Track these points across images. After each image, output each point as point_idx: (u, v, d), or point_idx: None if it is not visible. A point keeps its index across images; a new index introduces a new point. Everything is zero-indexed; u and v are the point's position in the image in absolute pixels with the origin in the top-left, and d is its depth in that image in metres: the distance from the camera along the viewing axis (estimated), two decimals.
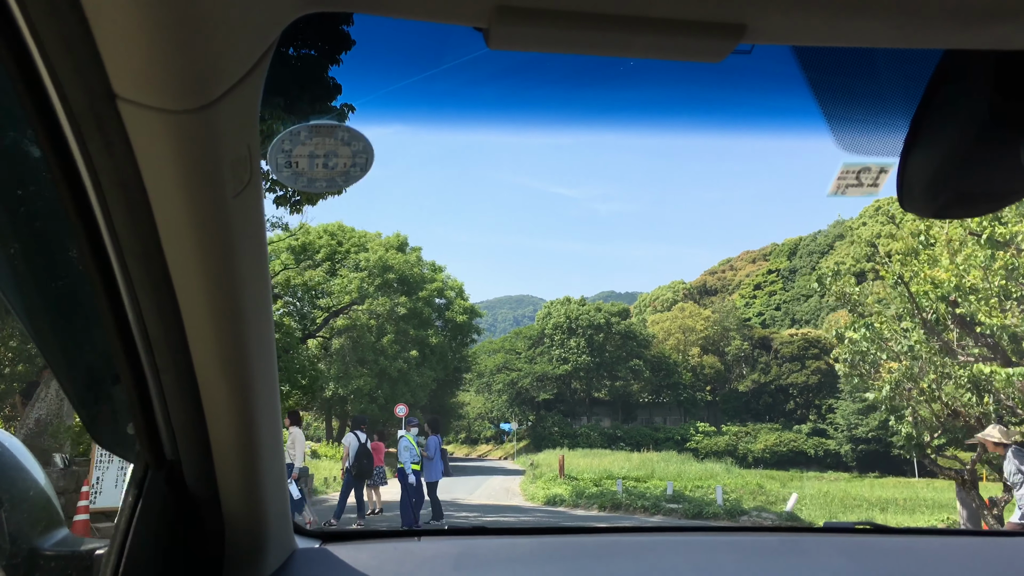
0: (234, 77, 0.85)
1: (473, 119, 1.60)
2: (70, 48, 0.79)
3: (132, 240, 1.01)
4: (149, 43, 0.76)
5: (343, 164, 1.19)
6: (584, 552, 2.01)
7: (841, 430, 67.40)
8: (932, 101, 1.00)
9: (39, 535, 1.48)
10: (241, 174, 1.01)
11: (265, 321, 1.27)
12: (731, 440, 67.88)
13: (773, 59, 1.07)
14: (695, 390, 76.13)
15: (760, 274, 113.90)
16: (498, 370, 76.29)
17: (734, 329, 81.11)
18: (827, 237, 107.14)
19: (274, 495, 1.54)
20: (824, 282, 17.34)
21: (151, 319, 1.12)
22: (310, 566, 1.80)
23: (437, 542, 2.02)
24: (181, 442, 1.32)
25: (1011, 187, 1.04)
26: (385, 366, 43.34)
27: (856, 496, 31.64)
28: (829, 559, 1.98)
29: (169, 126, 0.87)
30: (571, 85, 1.40)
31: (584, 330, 74.54)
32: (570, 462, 40.36)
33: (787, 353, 75.99)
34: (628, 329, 76.46)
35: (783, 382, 75.08)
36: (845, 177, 1.28)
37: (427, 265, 50.73)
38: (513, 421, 71.83)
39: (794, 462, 65.61)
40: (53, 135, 0.92)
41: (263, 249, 1.19)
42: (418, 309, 46.77)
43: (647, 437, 67.63)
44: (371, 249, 45.44)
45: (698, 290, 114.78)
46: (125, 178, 0.93)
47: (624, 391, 75.78)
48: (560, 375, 74.14)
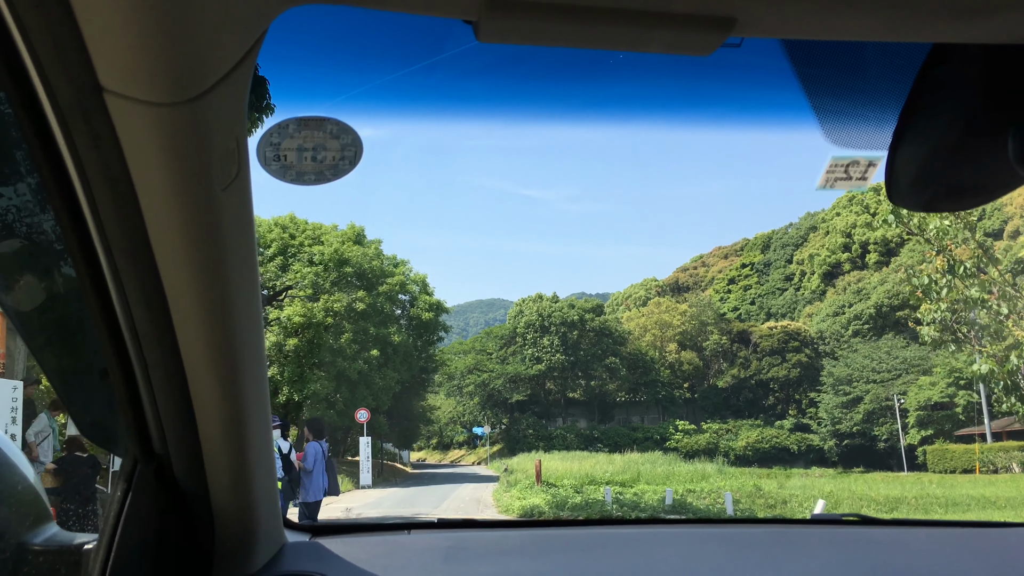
0: (222, 70, 0.86)
1: (462, 113, 1.60)
2: (56, 41, 0.79)
3: (120, 234, 1.02)
4: (136, 35, 0.77)
5: (332, 157, 1.21)
6: (574, 545, 2.04)
7: (824, 425, 67.02)
8: (920, 95, 1.01)
9: (27, 530, 1.47)
10: (229, 167, 1.02)
11: (254, 314, 1.28)
12: (712, 438, 67.32)
13: (763, 53, 1.07)
14: (673, 387, 75.20)
15: (733, 269, 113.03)
16: (469, 372, 74.49)
17: (712, 323, 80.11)
18: (799, 230, 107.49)
19: (263, 489, 1.54)
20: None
21: (139, 313, 1.13)
22: (300, 559, 1.81)
23: (427, 535, 2.06)
24: (170, 436, 1.32)
25: (998, 180, 1.04)
26: (344, 368, 40.08)
27: (861, 495, 29.09)
28: (818, 551, 2.04)
29: (157, 119, 0.87)
30: (560, 79, 1.40)
31: (557, 328, 73.07)
32: (547, 466, 37.56)
33: (767, 347, 75.34)
34: (603, 326, 75.10)
35: (763, 376, 74.62)
36: (834, 170, 1.30)
37: (388, 259, 47.62)
38: (486, 424, 70.71)
39: (777, 459, 65.19)
40: (39, 129, 0.92)
41: (252, 242, 1.19)
42: (379, 305, 43.63)
43: (625, 437, 66.73)
44: (326, 242, 42.21)
45: (671, 287, 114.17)
46: (112, 172, 0.94)
47: (600, 390, 74.69)
48: (533, 375, 72.78)
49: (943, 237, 14.48)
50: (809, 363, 72.93)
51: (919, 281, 14.78)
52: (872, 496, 29.03)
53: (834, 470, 59.72)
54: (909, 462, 57.42)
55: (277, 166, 1.19)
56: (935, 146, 1.01)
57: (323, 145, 1.20)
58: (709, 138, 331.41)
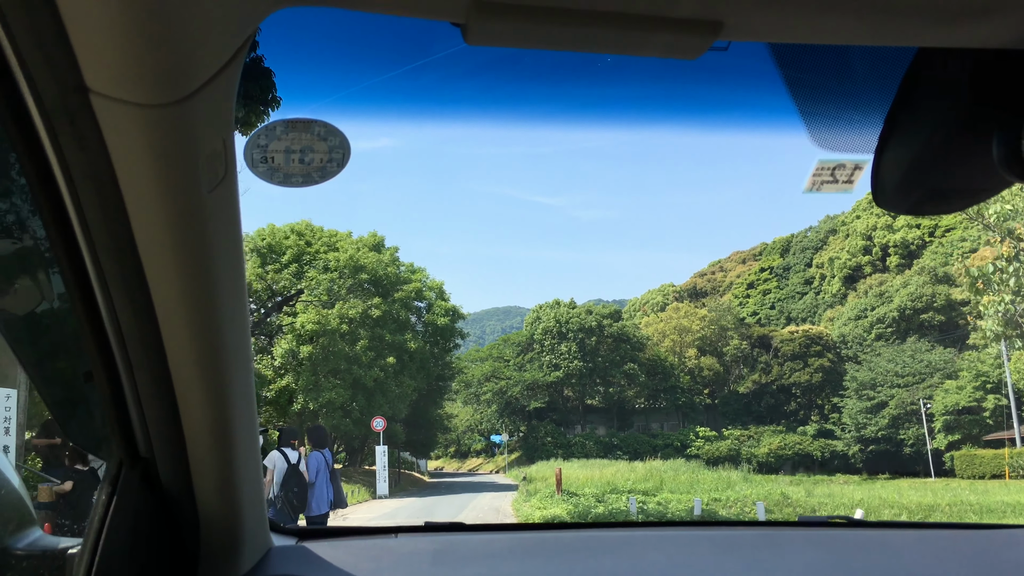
0: (209, 71, 0.85)
1: (451, 115, 1.63)
2: (41, 41, 0.78)
3: (105, 236, 1.02)
4: (123, 36, 0.76)
5: (319, 159, 1.21)
6: (563, 548, 2.02)
7: (848, 430, 65.94)
8: (906, 99, 1.03)
9: (10, 535, 1.47)
10: (216, 169, 1.01)
11: (241, 317, 1.27)
12: (733, 444, 66.34)
13: (750, 56, 1.09)
14: (693, 394, 74.55)
15: (752, 273, 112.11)
16: (486, 379, 73.94)
17: (732, 328, 79.31)
18: (819, 233, 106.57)
19: (249, 492, 1.54)
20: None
21: (125, 316, 1.13)
22: (287, 563, 1.80)
23: (415, 539, 2.02)
24: (155, 439, 1.32)
25: (984, 184, 1.06)
26: (359, 375, 39.60)
27: (892, 502, 28.25)
28: (804, 553, 2.03)
29: (143, 120, 0.87)
30: (548, 81, 1.42)
31: (575, 334, 72.35)
32: (567, 474, 36.90)
33: (788, 351, 74.35)
34: (621, 332, 74.44)
35: (785, 382, 73.67)
36: (820, 174, 1.30)
37: (405, 266, 47.21)
38: (504, 432, 70.46)
39: (800, 465, 64.58)
40: (24, 130, 0.92)
41: (238, 244, 1.19)
42: (394, 312, 43.14)
43: (645, 445, 65.92)
44: (341, 248, 41.79)
45: (688, 292, 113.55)
46: (98, 173, 0.94)
47: (619, 397, 73.91)
48: (551, 382, 72.12)
49: (1007, 221, 13.65)
50: (831, 367, 71.91)
51: (983, 269, 13.92)
52: (904, 503, 28.24)
53: (859, 476, 58.98)
54: (936, 467, 56.37)
55: (264, 168, 1.19)
56: (921, 149, 1.00)
57: (310, 147, 1.19)
58: (722, 142, 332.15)
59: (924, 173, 1.03)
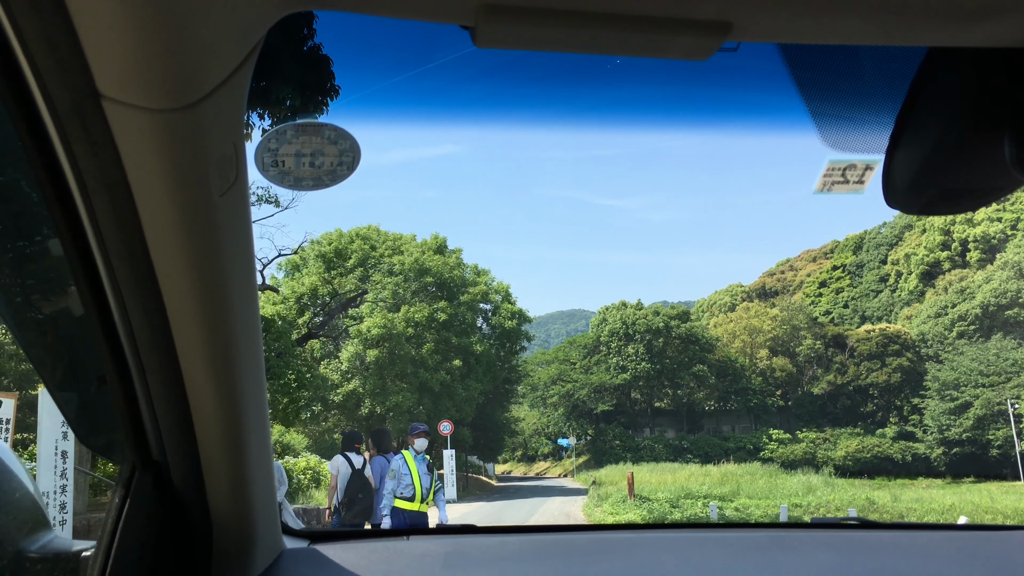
0: (220, 76, 0.87)
1: (461, 117, 1.64)
2: (54, 47, 0.79)
3: (117, 240, 1.03)
4: (134, 42, 0.77)
5: (329, 163, 1.22)
6: (574, 550, 2.02)
7: (931, 432, 63.26)
8: (917, 98, 1.03)
9: (25, 537, 1.48)
10: (227, 173, 1.03)
11: (252, 320, 1.29)
12: (808, 448, 64.55)
13: (759, 57, 1.11)
14: (765, 395, 72.63)
15: (824, 271, 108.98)
16: (552, 382, 73.37)
17: (804, 328, 76.81)
18: (893, 228, 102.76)
19: (261, 495, 1.55)
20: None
21: (137, 319, 1.14)
22: (299, 566, 1.81)
23: (426, 541, 2.03)
24: (168, 442, 1.33)
25: (995, 183, 1.06)
26: (425, 379, 39.53)
27: (985, 507, 26.66)
28: (817, 555, 2.01)
29: (154, 125, 0.88)
30: (558, 83, 1.43)
31: (642, 335, 71.31)
32: (638, 478, 35.85)
33: (864, 351, 71.78)
34: (689, 332, 72.96)
35: (862, 383, 71.18)
36: (831, 174, 1.31)
37: (469, 268, 46.91)
38: (571, 436, 69.76)
39: (880, 469, 62.41)
40: (37, 135, 0.93)
41: (249, 248, 1.20)
42: (460, 315, 42.86)
43: (717, 447, 64.72)
44: (406, 252, 41.71)
45: (757, 292, 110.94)
46: (110, 178, 0.95)
47: (688, 399, 72.59)
48: (618, 384, 71.17)
49: None
50: (911, 367, 69.17)
51: None
52: (999, 508, 26.64)
53: (942, 480, 56.87)
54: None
55: (275, 172, 1.20)
56: (932, 149, 1.00)
57: (321, 151, 1.20)
58: (787, 144, 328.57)
59: (936, 173, 1.02)
